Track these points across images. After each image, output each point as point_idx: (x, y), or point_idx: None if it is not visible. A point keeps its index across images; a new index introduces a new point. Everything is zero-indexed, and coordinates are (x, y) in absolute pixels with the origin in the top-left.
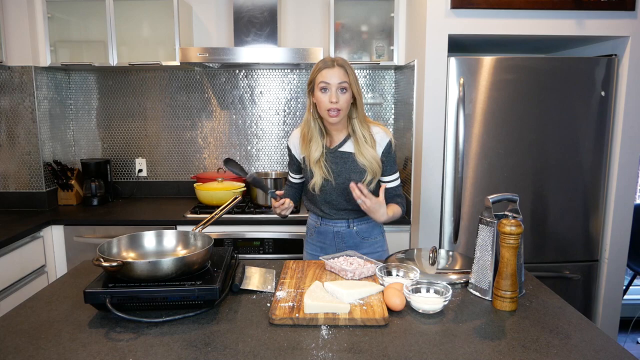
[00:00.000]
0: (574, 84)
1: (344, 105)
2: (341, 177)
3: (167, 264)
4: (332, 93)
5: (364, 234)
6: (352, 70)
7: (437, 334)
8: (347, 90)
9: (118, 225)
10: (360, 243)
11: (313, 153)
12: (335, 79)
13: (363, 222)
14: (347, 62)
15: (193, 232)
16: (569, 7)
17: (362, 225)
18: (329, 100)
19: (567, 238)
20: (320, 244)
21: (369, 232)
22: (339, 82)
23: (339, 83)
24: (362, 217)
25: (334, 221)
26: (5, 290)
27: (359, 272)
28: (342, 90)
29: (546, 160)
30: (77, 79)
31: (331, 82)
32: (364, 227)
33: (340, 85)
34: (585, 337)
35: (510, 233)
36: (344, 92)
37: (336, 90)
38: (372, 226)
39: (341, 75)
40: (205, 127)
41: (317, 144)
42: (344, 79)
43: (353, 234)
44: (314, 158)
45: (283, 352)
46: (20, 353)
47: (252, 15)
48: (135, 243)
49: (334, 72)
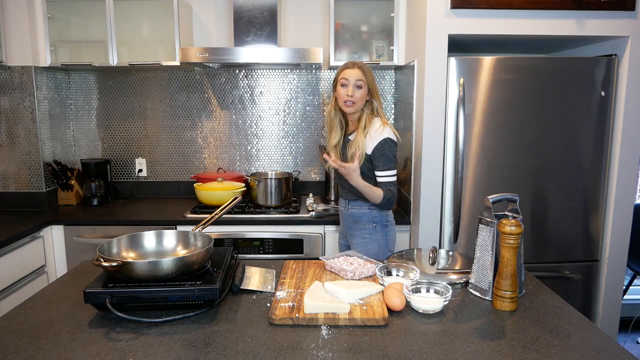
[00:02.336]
0: (574, 84)
1: (358, 99)
2: (343, 158)
3: (167, 264)
4: (350, 88)
5: (355, 218)
6: (370, 73)
7: (437, 334)
8: (363, 88)
9: (118, 225)
10: (352, 225)
11: (332, 139)
12: (353, 77)
13: (356, 207)
14: (366, 66)
15: (193, 232)
16: (569, 7)
17: (355, 210)
18: (346, 94)
19: (567, 238)
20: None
21: (359, 217)
22: (357, 79)
23: (356, 80)
24: (355, 200)
25: (342, 201)
26: (5, 290)
27: (359, 272)
28: (358, 87)
29: (546, 160)
30: (77, 79)
31: (350, 78)
32: (356, 211)
33: (356, 83)
34: (585, 337)
35: (510, 233)
36: (359, 89)
37: (353, 86)
38: (363, 213)
39: (358, 75)
40: (205, 127)
41: (336, 133)
42: (361, 78)
43: (347, 215)
44: (332, 143)
45: (283, 352)
46: (20, 353)
47: (252, 15)
48: (135, 243)
49: (354, 72)
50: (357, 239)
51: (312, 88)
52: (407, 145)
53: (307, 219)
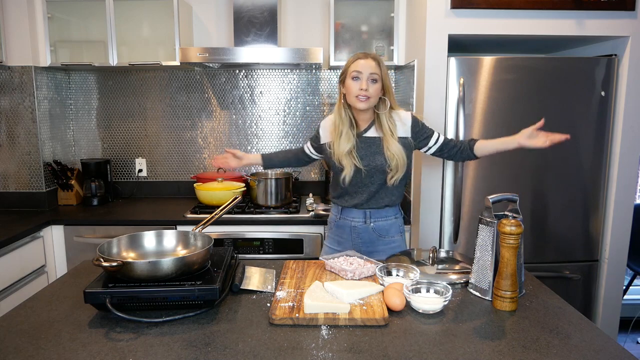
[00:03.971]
0: (574, 84)
1: (374, 94)
2: (365, 160)
3: (167, 264)
4: (363, 81)
5: (381, 231)
6: (384, 66)
7: (437, 334)
8: (378, 82)
9: (118, 225)
10: (377, 240)
11: (343, 145)
12: (368, 68)
13: (380, 219)
14: (380, 58)
15: (193, 232)
16: (569, 7)
17: (380, 222)
18: (359, 88)
19: (567, 238)
20: (337, 238)
21: (385, 229)
22: (371, 72)
23: (371, 73)
24: (380, 209)
25: (352, 213)
26: (5, 290)
27: (359, 272)
28: (372, 80)
29: (546, 160)
30: (77, 79)
31: (363, 71)
32: (381, 224)
33: (371, 76)
34: (585, 337)
35: (510, 233)
36: (375, 83)
37: (367, 79)
38: (390, 224)
39: (373, 67)
40: (205, 127)
41: (348, 136)
42: (376, 71)
43: (369, 230)
44: (343, 149)
45: (283, 352)
46: (20, 353)
47: (252, 15)
48: (135, 243)
49: (367, 63)
50: (384, 254)
51: (312, 88)
52: None
53: (307, 219)
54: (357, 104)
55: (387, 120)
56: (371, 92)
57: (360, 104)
